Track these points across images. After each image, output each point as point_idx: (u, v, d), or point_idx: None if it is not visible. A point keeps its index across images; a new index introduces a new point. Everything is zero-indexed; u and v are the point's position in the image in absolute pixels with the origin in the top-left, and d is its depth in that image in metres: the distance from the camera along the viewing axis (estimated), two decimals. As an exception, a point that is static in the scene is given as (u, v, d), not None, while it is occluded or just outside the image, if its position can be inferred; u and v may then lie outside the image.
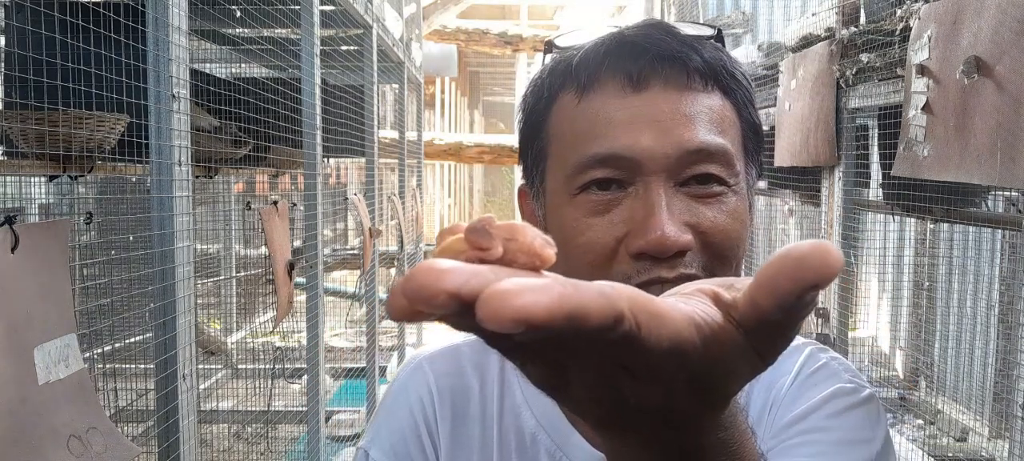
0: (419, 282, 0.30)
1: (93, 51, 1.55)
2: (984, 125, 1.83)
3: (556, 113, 0.71)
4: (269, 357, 4.26)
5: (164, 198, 1.61)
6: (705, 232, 0.65)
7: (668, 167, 0.65)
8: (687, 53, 0.67)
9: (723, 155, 0.66)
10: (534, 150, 0.73)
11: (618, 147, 0.65)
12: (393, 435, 0.79)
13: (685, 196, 0.65)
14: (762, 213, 4.73)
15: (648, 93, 0.66)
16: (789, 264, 0.32)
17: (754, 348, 0.35)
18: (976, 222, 2.84)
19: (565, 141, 0.69)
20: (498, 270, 0.32)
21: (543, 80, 0.73)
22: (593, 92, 0.68)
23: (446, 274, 0.30)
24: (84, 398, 1.33)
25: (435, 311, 0.30)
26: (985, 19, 1.86)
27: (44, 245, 1.30)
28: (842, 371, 0.73)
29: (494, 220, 0.36)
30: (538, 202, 0.74)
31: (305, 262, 2.81)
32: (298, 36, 2.74)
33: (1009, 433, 2.30)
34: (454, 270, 0.30)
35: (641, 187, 0.65)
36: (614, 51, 0.68)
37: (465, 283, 0.30)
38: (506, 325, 0.28)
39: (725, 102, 0.68)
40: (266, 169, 2.98)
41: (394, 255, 5.00)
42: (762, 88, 3.85)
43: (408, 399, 0.80)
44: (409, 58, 5.03)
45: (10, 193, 2.62)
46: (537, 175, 0.74)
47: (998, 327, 3.59)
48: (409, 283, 0.30)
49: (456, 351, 0.82)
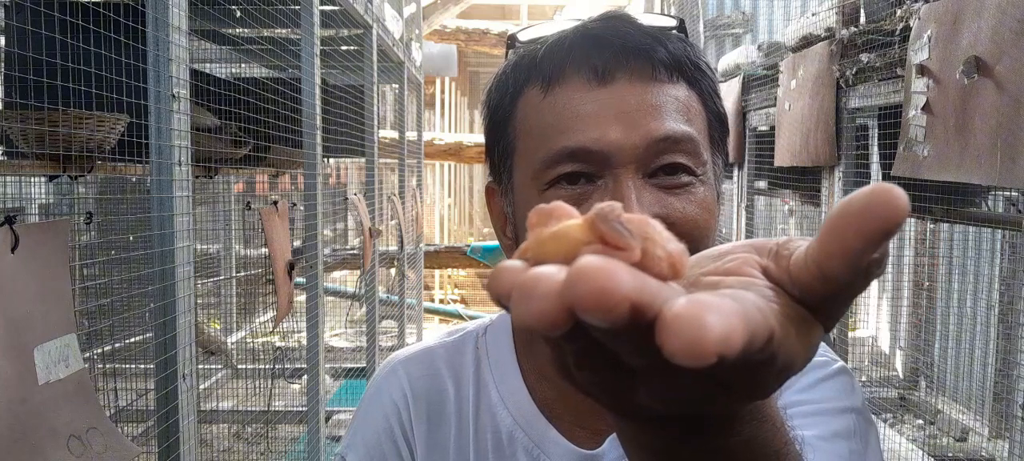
0: (598, 284, 0.25)
1: (93, 51, 1.55)
2: (984, 125, 1.83)
3: (522, 108, 0.70)
4: (269, 357, 4.26)
5: (164, 198, 1.61)
6: (675, 223, 0.65)
7: (636, 158, 0.65)
8: (652, 45, 0.67)
9: (690, 143, 0.66)
10: (501, 146, 0.73)
11: (586, 141, 0.65)
12: (369, 440, 0.79)
13: (654, 188, 0.66)
14: (762, 213, 4.73)
15: (614, 86, 0.66)
16: (853, 217, 0.28)
17: (819, 320, 0.32)
18: (976, 222, 2.84)
19: (532, 136, 0.69)
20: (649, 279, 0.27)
21: (507, 75, 0.73)
22: (559, 86, 0.67)
23: (621, 274, 0.26)
24: (84, 398, 1.33)
25: (601, 322, 0.26)
26: (985, 19, 1.86)
27: (44, 245, 1.30)
28: None
29: (621, 210, 0.30)
30: (507, 198, 0.74)
31: (305, 262, 2.81)
32: (298, 36, 2.74)
33: (1009, 433, 2.30)
34: (623, 270, 0.26)
35: (610, 180, 0.65)
36: (578, 44, 0.68)
37: (642, 290, 0.26)
38: (705, 358, 0.24)
39: (690, 93, 0.69)
40: (266, 169, 2.98)
41: (394, 255, 5.00)
42: (762, 88, 3.85)
43: (382, 403, 0.80)
44: (409, 58, 5.03)
45: (10, 193, 2.62)
46: (505, 171, 0.73)
47: (998, 327, 3.59)
48: (580, 285, 0.25)
49: (430, 353, 0.82)
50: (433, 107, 11.03)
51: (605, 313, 0.25)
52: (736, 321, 0.25)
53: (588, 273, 0.25)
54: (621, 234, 0.29)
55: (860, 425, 0.68)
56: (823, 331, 0.32)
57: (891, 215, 0.28)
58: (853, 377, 0.73)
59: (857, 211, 0.28)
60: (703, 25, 5.86)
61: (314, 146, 2.67)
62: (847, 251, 0.29)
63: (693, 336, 0.24)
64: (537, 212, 0.32)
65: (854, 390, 0.71)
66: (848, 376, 0.72)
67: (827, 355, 0.73)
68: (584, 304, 0.25)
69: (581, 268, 0.26)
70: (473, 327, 0.84)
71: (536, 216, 0.32)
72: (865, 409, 0.71)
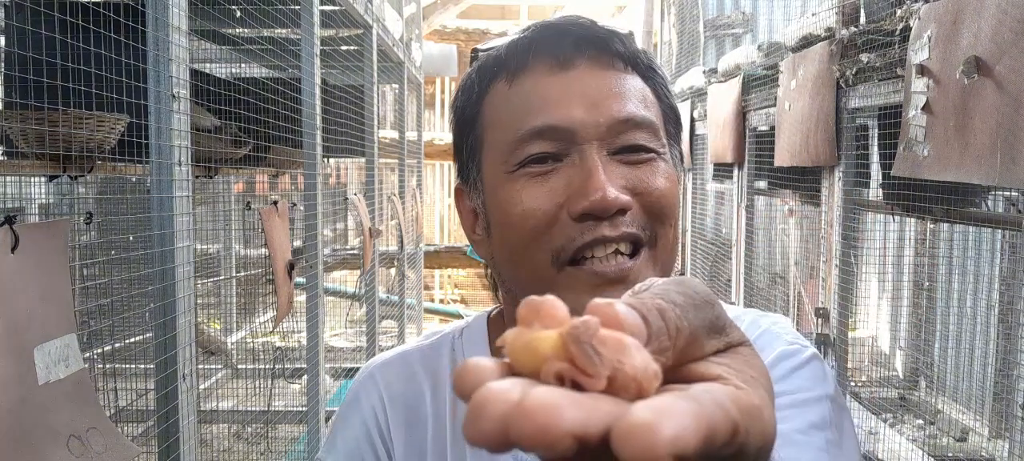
0: (539, 422, 0.26)
1: (93, 51, 1.55)
2: (984, 125, 1.83)
3: (489, 103, 0.73)
4: (269, 357, 4.26)
5: (164, 198, 1.61)
6: (642, 194, 0.68)
7: (600, 135, 0.68)
8: (609, 37, 0.72)
9: (650, 127, 0.70)
10: (469, 143, 0.75)
11: (553, 119, 0.68)
12: (347, 446, 0.80)
13: (619, 163, 0.68)
14: (762, 213, 4.73)
15: (575, 71, 0.70)
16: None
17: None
18: (976, 222, 2.84)
19: (499, 125, 0.72)
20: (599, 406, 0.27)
21: (473, 78, 0.75)
22: (523, 75, 0.71)
23: (564, 410, 0.26)
24: (84, 398, 1.33)
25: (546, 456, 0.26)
26: (985, 19, 1.86)
27: (44, 245, 1.29)
28: (783, 333, 0.74)
29: (598, 328, 0.29)
30: (476, 191, 0.75)
31: (305, 262, 2.81)
32: (298, 36, 2.74)
33: (1009, 433, 2.30)
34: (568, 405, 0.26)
35: (577, 156, 0.68)
36: (540, 36, 0.72)
37: (587, 421, 0.26)
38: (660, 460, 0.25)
39: (645, 85, 0.72)
40: (266, 169, 2.98)
41: (394, 255, 5.00)
42: (762, 88, 3.85)
43: (360, 409, 0.80)
44: (409, 58, 5.03)
45: (10, 193, 2.62)
46: (474, 167, 0.75)
47: (998, 327, 3.58)
48: (521, 421, 0.26)
49: (406, 357, 0.83)
50: (433, 107, 11.03)
51: (546, 449, 0.26)
52: (689, 420, 0.26)
53: (529, 411, 0.26)
54: (590, 360, 0.28)
55: (834, 412, 0.68)
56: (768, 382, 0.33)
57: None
58: (824, 362, 0.73)
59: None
60: (703, 25, 5.86)
61: (314, 146, 2.67)
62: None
63: (647, 442, 0.25)
64: (527, 305, 0.31)
65: (826, 376, 0.71)
66: (819, 361, 0.72)
67: (798, 342, 0.73)
68: (524, 442, 0.26)
69: (524, 407, 0.26)
70: (449, 329, 0.85)
71: (525, 309, 0.31)
72: (838, 394, 0.70)
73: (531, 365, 0.30)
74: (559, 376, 0.29)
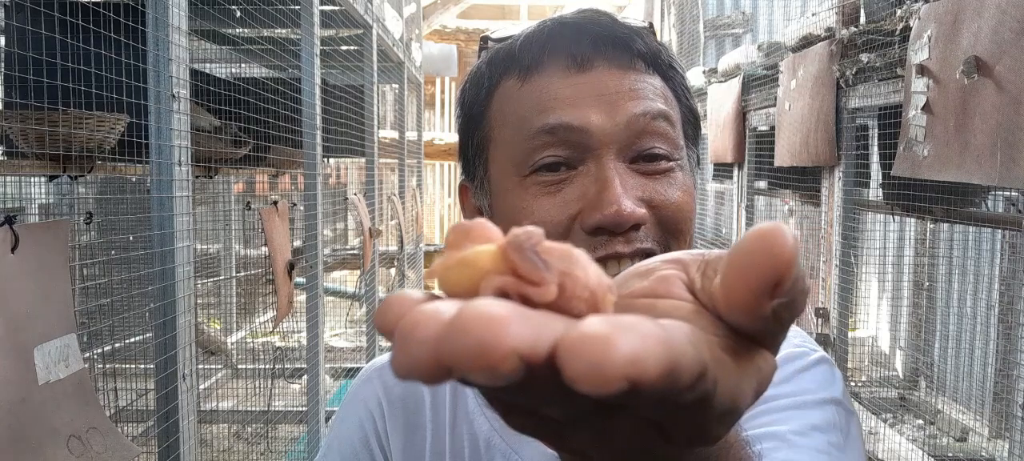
0: (479, 337, 0.21)
1: (93, 51, 1.55)
2: (984, 125, 1.83)
3: (498, 99, 0.70)
4: (269, 357, 4.26)
5: (164, 198, 1.61)
6: (658, 207, 0.65)
7: (617, 140, 0.65)
8: (629, 35, 0.68)
9: (667, 122, 0.67)
10: (476, 140, 0.72)
11: (567, 118, 0.65)
12: (344, 448, 0.79)
13: (635, 173, 0.66)
14: (762, 213, 4.73)
15: (593, 72, 0.66)
16: (741, 270, 0.26)
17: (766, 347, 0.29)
18: (976, 222, 2.84)
19: (509, 124, 0.69)
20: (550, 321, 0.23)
21: (483, 71, 0.72)
22: (537, 74, 0.67)
23: (508, 324, 0.22)
24: (84, 398, 1.33)
25: (487, 382, 0.22)
26: (985, 19, 1.86)
27: (44, 245, 1.30)
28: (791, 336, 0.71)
29: (542, 237, 0.25)
30: (482, 191, 0.73)
31: (305, 262, 2.81)
32: (298, 36, 2.74)
33: (1009, 433, 2.30)
34: (514, 318, 0.22)
35: (592, 164, 0.65)
36: (556, 33, 0.68)
37: (536, 337, 0.22)
38: (609, 382, 0.21)
39: (665, 85, 0.70)
40: (266, 169, 2.98)
41: (394, 255, 5.00)
42: (762, 88, 3.85)
43: (358, 412, 0.79)
44: (409, 58, 5.03)
45: (10, 193, 2.62)
46: (480, 165, 0.73)
47: (998, 327, 3.58)
48: (456, 338, 0.22)
49: None
50: (433, 107, 11.03)
51: (488, 371, 0.21)
52: (652, 344, 0.22)
53: (467, 326, 0.22)
54: (535, 266, 0.24)
55: (840, 416, 0.66)
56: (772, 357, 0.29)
57: (775, 265, 0.25)
58: (834, 367, 0.71)
59: (742, 264, 0.26)
60: (703, 25, 5.86)
61: (314, 146, 2.68)
62: (742, 305, 0.26)
63: (596, 357, 0.21)
64: (454, 230, 0.28)
65: (834, 380, 0.69)
66: (828, 365, 0.70)
67: (806, 345, 0.71)
68: (461, 364, 0.22)
69: (460, 321, 0.22)
70: None
71: (453, 234, 0.28)
72: (846, 399, 0.69)
73: (466, 284, 0.26)
74: (500, 290, 0.25)
